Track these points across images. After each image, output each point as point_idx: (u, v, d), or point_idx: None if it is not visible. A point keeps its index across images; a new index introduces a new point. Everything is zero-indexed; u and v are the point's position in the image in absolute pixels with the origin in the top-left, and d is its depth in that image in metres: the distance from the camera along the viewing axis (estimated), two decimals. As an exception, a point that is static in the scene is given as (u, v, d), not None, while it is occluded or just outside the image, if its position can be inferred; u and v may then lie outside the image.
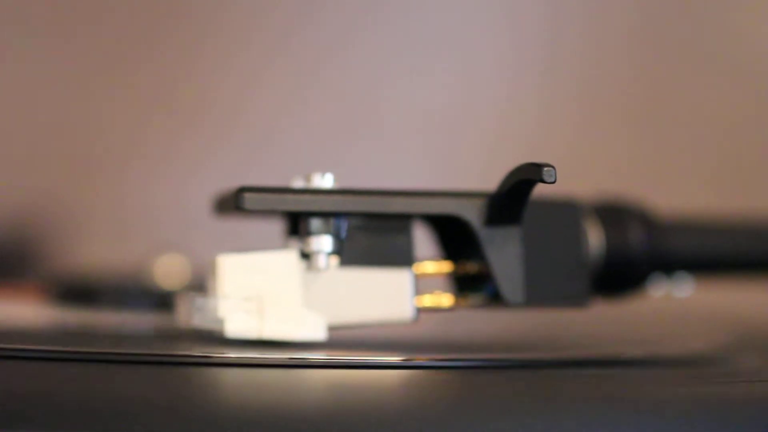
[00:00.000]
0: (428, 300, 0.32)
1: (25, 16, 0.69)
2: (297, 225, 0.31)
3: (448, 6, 0.68)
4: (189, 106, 0.68)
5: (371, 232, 0.31)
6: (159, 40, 0.68)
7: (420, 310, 0.31)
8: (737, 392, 0.28)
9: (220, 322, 0.30)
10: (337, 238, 0.31)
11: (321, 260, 0.30)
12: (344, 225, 0.31)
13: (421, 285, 0.31)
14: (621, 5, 0.67)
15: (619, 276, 0.34)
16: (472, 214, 0.31)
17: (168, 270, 0.46)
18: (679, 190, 0.64)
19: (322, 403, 0.25)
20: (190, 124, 0.68)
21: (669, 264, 0.35)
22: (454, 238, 0.32)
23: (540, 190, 0.30)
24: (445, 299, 0.32)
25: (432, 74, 0.68)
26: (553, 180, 0.29)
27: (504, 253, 0.31)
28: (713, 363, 0.33)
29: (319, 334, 0.31)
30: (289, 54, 0.67)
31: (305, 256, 0.31)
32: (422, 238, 0.32)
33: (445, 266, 0.32)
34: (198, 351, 0.30)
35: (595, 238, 0.34)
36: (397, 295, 0.31)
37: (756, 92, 0.66)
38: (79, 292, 0.43)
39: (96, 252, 0.65)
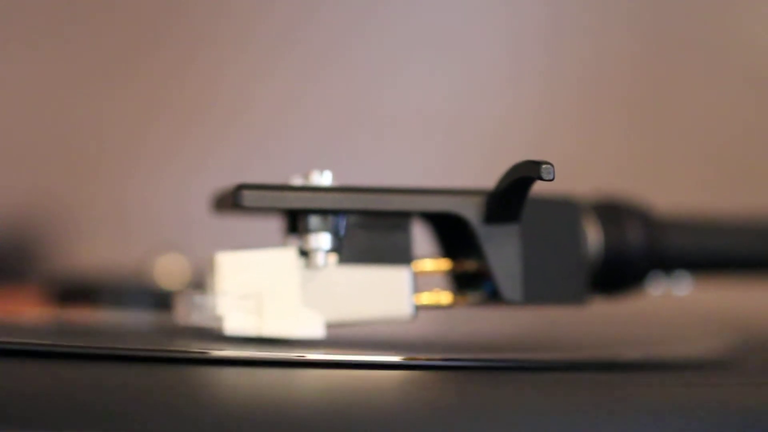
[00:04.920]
0: (427, 298, 0.32)
1: (25, 16, 0.69)
2: (296, 222, 0.31)
3: (448, 4, 0.68)
4: (189, 106, 0.68)
5: (370, 229, 0.31)
6: (159, 40, 0.68)
7: (418, 308, 0.31)
8: (737, 393, 0.28)
9: (219, 319, 0.30)
10: (335, 235, 0.31)
11: (319, 258, 0.30)
12: (343, 222, 0.31)
13: (419, 283, 0.31)
14: (621, 5, 0.67)
15: (617, 274, 0.34)
16: (470, 211, 0.31)
17: (168, 270, 0.46)
18: (678, 189, 0.64)
19: (320, 401, 0.25)
20: (190, 124, 0.68)
21: (668, 262, 0.35)
22: (453, 235, 0.32)
23: (539, 188, 0.30)
24: (444, 297, 0.32)
25: (432, 73, 0.68)
26: (551, 177, 0.29)
27: (502, 251, 0.31)
28: (712, 364, 0.33)
29: (318, 331, 0.31)
30: (289, 53, 0.67)
31: (304, 253, 0.31)
32: (421, 236, 0.32)
33: (444, 264, 0.32)
34: (196, 348, 0.30)
35: (593, 237, 0.34)
36: (395, 293, 0.31)
37: (756, 92, 0.66)
38: (79, 292, 0.43)
39: (96, 252, 0.65)
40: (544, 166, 0.29)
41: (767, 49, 0.66)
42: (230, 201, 0.30)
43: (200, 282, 0.32)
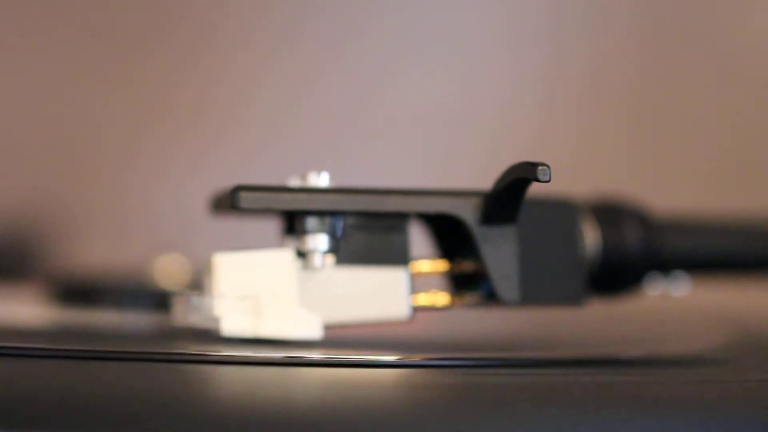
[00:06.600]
0: (424, 299, 0.32)
1: (25, 16, 0.69)
2: (293, 224, 0.31)
3: (448, 4, 0.68)
4: (189, 106, 0.68)
5: (367, 230, 0.31)
6: (159, 40, 0.68)
7: (416, 309, 0.31)
8: (735, 392, 0.28)
9: (216, 320, 0.30)
10: (332, 236, 0.31)
11: (317, 259, 0.30)
12: (340, 224, 0.31)
13: (416, 284, 0.31)
14: (621, 5, 0.67)
15: (615, 275, 0.34)
16: (467, 213, 0.31)
17: (168, 270, 0.46)
18: (678, 189, 0.64)
19: (318, 402, 0.25)
20: (190, 124, 0.68)
21: (665, 263, 0.35)
22: (450, 236, 0.32)
23: (537, 189, 0.30)
24: (441, 298, 0.32)
25: (432, 73, 0.68)
26: (547, 179, 0.29)
27: (500, 252, 0.31)
28: (711, 363, 0.33)
29: (315, 332, 0.31)
30: (288, 54, 0.67)
31: (301, 254, 0.31)
32: (418, 237, 0.32)
33: (441, 265, 0.32)
34: (194, 349, 0.30)
35: (591, 237, 0.34)
36: (392, 294, 0.31)
37: (756, 92, 0.66)
38: (79, 292, 0.43)
39: (96, 252, 0.65)
40: (540, 167, 0.29)
41: (767, 49, 0.66)
42: (228, 202, 0.30)
43: (199, 283, 0.32)
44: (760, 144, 0.65)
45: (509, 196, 0.30)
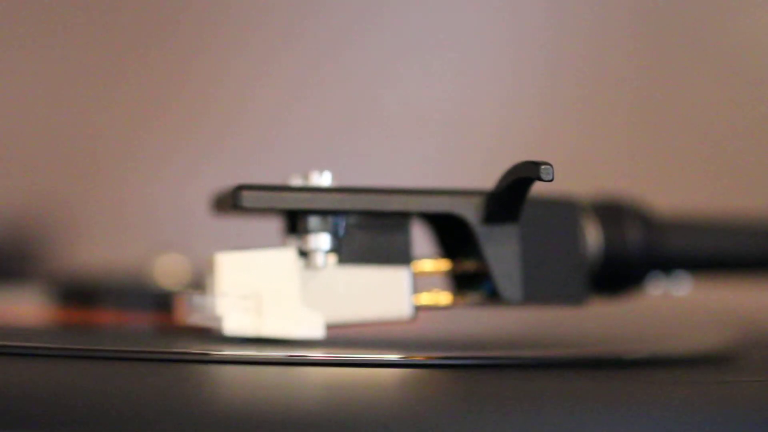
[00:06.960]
0: (426, 298, 0.32)
1: (25, 16, 0.69)
2: (295, 223, 0.31)
3: (449, 4, 0.68)
4: (189, 106, 0.68)
5: (369, 230, 0.31)
6: (159, 40, 0.68)
7: (418, 308, 0.31)
8: (736, 392, 0.28)
9: (219, 320, 0.30)
10: (335, 236, 0.31)
11: (319, 258, 0.30)
12: (342, 223, 0.31)
13: (419, 283, 0.31)
14: (621, 5, 0.67)
15: (617, 274, 0.34)
16: (469, 212, 0.31)
17: (168, 270, 0.46)
18: (678, 189, 0.64)
19: (320, 401, 0.25)
20: (190, 124, 0.68)
21: (667, 262, 0.35)
22: (452, 236, 0.32)
23: (539, 188, 0.30)
24: (443, 297, 0.32)
25: (432, 73, 0.68)
26: (550, 178, 0.29)
27: (502, 251, 0.31)
28: (712, 363, 0.33)
29: (317, 332, 0.31)
30: (288, 54, 0.67)
31: (303, 254, 0.31)
32: (420, 236, 0.32)
33: (443, 264, 0.32)
34: (196, 348, 0.30)
35: (593, 237, 0.34)
36: (395, 293, 0.31)
37: (756, 92, 0.66)
38: (79, 292, 0.43)
39: (96, 252, 0.65)
40: (543, 166, 0.29)
41: (767, 49, 0.66)
42: (229, 201, 0.30)
43: (200, 282, 0.32)
44: (760, 144, 0.65)
45: (511, 195, 0.30)
